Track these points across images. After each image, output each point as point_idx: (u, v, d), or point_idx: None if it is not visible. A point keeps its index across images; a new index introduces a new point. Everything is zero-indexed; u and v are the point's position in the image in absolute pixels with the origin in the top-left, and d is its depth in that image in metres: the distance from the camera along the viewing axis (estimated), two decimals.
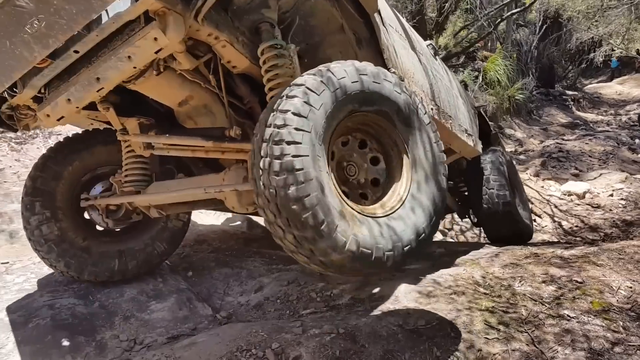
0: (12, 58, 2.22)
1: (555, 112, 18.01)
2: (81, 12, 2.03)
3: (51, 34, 2.09)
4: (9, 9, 2.07)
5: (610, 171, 9.46)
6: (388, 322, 2.88)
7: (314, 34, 3.01)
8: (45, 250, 3.26)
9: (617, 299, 3.02)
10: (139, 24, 2.19)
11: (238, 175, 2.95)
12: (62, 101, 2.48)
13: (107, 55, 2.29)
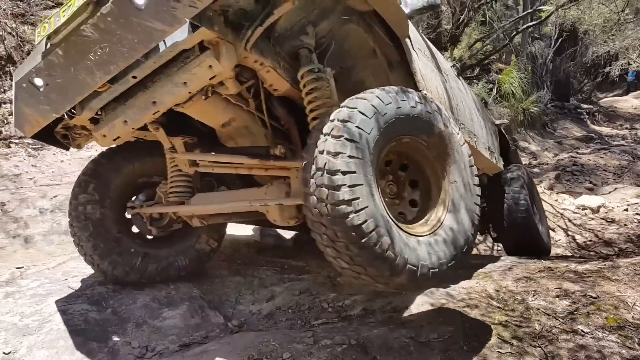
0: (75, 83, 2.37)
1: (570, 126, 17.87)
2: (142, 42, 2.18)
3: (112, 61, 2.25)
4: (75, 39, 2.23)
5: (625, 185, 9.37)
6: (400, 334, 2.87)
7: (347, 58, 3.13)
8: (80, 227, 3.37)
9: (632, 315, 2.98)
10: (194, 53, 2.36)
11: (280, 191, 3.07)
12: (119, 123, 2.66)
13: (163, 81, 2.47)
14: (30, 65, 2.45)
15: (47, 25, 2.32)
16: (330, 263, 3.41)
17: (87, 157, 5.33)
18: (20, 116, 2.68)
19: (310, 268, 4.22)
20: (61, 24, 2.25)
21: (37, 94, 2.49)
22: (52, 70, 2.37)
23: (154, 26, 2.11)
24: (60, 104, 2.51)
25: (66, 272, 3.73)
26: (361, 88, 2.98)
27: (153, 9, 2.07)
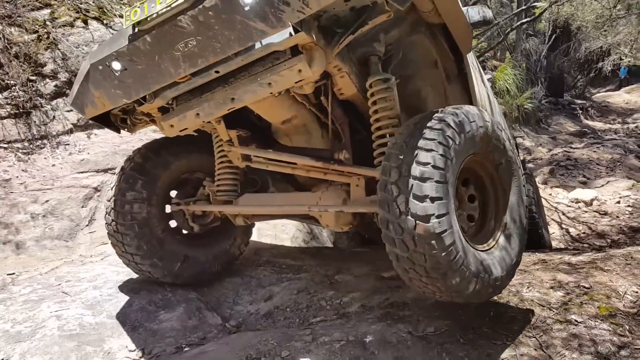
0: (155, 71, 2.35)
1: (563, 121, 17.95)
2: (239, 40, 2.16)
3: (203, 55, 2.23)
4: (168, 28, 2.21)
5: (618, 179, 9.42)
6: (398, 329, 2.89)
7: (409, 67, 3.15)
8: (126, 226, 3.30)
9: (623, 304, 3.01)
10: (285, 55, 2.34)
11: (338, 197, 3.10)
12: (191, 115, 2.63)
13: (247, 79, 2.44)
14: (112, 49, 2.39)
15: (138, 10, 2.26)
16: (327, 263, 3.50)
17: (79, 160, 5.33)
18: (84, 97, 2.62)
19: (307, 267, 4.23)
20: (156, 11, 2.21)
21: (112, 78, 2.45)
22: (135, 56, 2.33)
23: (256, 26, 2.10)
24: (135, 90, 2.46)
25: (59, 277, 3.72)
26: (417, 97, 3.25)
27: (259, 9, 2.06)
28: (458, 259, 2.29)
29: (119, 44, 2.38)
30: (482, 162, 2.73)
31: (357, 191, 3.03)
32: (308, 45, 2.32)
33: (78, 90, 2.65)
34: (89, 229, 4.94)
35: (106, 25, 5.94)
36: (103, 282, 3.62)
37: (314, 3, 2.03)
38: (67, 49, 5.66)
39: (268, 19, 2.07)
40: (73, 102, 2.74)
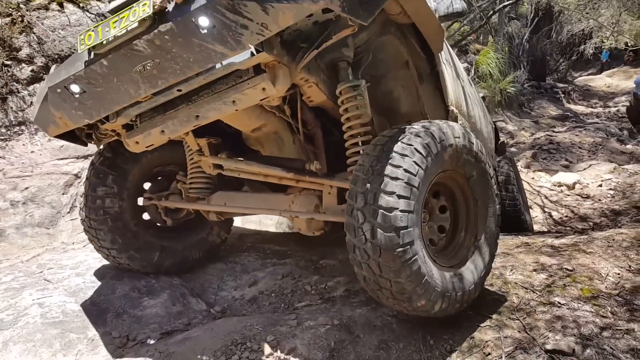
0: (115, 92, 2.34)
1: (546, 105, 18.08)
2: (198, 62, 2.15)
3: (162, 77, 2.23)
4: (125, 52, 2.18)
5: (600, 162, 9.53)
6: (382, 312, 2.91)
7: (379, 67, 3.14)
8: (99, 221, 3.30)
9: (605, 286, 3.05)
10: (248, 74, 2.32)
11: (310, 203, 3.11)
12: (155, 132, 2.62)
13: (210, 97, 2.44)
14: (68, 72, 2.37)
15: (92, 34, 2.23)
16: (312, 248, 3.51)
17: (59, 146, 5.24)
18: (46, 117, 2.63)
19: (292, 252, 4.23)
20: (111, 36, 2.17)
21: (72, 100, 2.43)
22: (92, 79, 2.32)
23: (215, 48, 2.09)
24: (96, 110, 2.46)
25: (41, 265, 3.68)
26: (389, 97, 3.24)
27: (217, 32, 2.04)
28: (424, 283, 2.34)
29: (76, 68, 2.35)
30: (452, 177, 2.75)
31: (329, 199, 3.06)
32: (271, 64, 2.30)
33: (39, 110, 2.64)
34: (70, 215, 4.88)
35: (82, 9, 5.80)
36: (86, 269, 3.58)
37: (273, 26, 2.01)
38: (42, 32, 5.52)
39: (227, 41, 2.06)
40: (36, 121, 2.73)
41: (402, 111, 3.33)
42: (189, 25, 2.05)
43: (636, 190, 7.06)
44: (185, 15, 2.04)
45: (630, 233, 3.94)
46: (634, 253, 3.52)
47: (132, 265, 3.46)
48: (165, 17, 2.09)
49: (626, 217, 5.55)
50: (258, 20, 2.00)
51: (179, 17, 2.05)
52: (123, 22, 2.14)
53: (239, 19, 2.00)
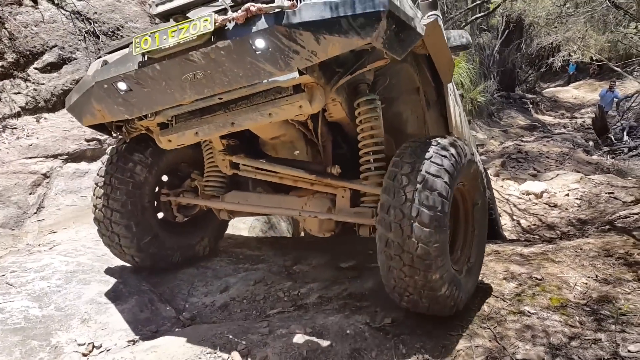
0: (161, 95, 2.50)
1: (515, 115, 18.45)
2: (246, 77, 2.34)
3: (209, 86, 2.41)
4: (179, 60, 2.33)
5: (567, 172, 9.74)
6: (355, 320, 2.90)
7: (392, 91, 3.37)
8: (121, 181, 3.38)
9: (573, 295, 3.11)
10: (287, 91, 2.55)
11: (323, 205, 3.31)
12: (190, 133, 2.80)
13: (248, 107, 2.63)
14: (118, 71, 2.48)
15: (149, 40, 2.33)
16: (285, 253, 3.53)
17: (27, 145, 5.09)
18: (83, 108, 2.75)
19: (265, 257, 4.18)
20: (168, 45, 2.28)
21: (116, 96, 2.56)
22: (142, 80, 2.45)
23: (264, 67, 2.28)
24: (138, 108, 2.61)
25: (4, 268, 3.54)
26: (398, 119, 3.53)
27: (270, 54, 2.23)
28: (443, 258, 2.53)
29: (127, 68, 2.46)
30: (464, 196, 3.04)
31: (342, 202, 3.25)
32: (310, 84, 2.52)
33: (78, 100, 2.75)
34: (37, 216, 4.74)
35: (57, 5, 5.66)
36: (51, 272, 3.47)
37: (322, 54, 2.23)
38: (14, 28, 5.37)
39: (277, 63, 2.25)
40: (70, 109, 2.87)
41: (408, 132, 3.59)
42: (245, 45, 2.22)
43: (601, 200, 7.25)
44: (244, 36, 2.21)
45: (597, 243, 4.03)
46: (600, 263, 3.60)
47: (124, 235, 3.42)
48: (224, 34, 2.24)
49: (592, 226, 5.68)
50: (309, 48, 2.21)
51: (238, 37, 2.22)
52: (182, 34, 2.27)
53: (292, 45, 2.20)
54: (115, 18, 6.08)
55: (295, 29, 2.17)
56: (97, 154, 5.42)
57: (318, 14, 2.16)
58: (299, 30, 2.17)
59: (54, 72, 5.46)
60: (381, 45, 2.26)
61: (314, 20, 2.16)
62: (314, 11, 2.16)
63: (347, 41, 2.20)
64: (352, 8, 2.16)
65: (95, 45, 5.80)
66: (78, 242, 4.12)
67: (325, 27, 2.17)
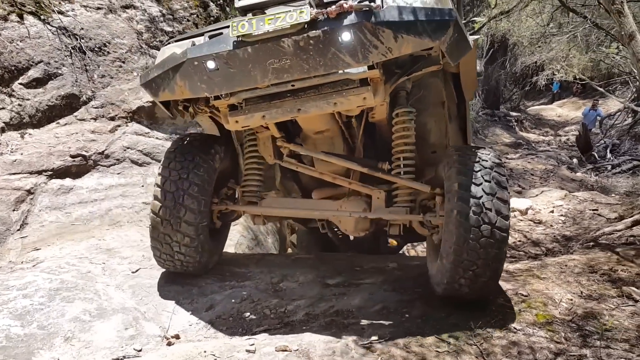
0: (244, 76, 2.73)
1: (500, 132, 18.63)
2: (325, 66, 2.63)
3: (290, 72, 2.67)
4: (270, 45, 2.60)
5: (551, 189, 9.84)
6: (342, 337, 2.88)
7: (422, 102, 3.66)
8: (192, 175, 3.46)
9: (559, 311, 3.13)
10: (354, 83, 2.85)
11: (358, 206, 3.65)
12: (258, 116, 3.01)
13: (317, 95, 2.90)
14: (211, 50, 2.72)
15: (246, 24, 2.58)
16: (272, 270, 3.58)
17: (11, 161, 5.02)
18: (164, 82, 2.92)
19: (252, 274, 4.15)
20: (264, 30, 2.56)
21: (202, 74, 2.77)
22: (231, 60, 2.68)
23: (344, 58, 2.59)
24: (219, 87, 2.83)
25: None
26: (424, 129, 3.80)
27: (352, 46, 2.55)
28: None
29: (220, 48, 2.70)
30: None
31: (378, 202, 3.59)
32: (376, 79, 2.85)
33: (158, 75, 2.93)
34: (20, 233, 4.67)
35: (43, 21, 5.65)
36: (34, 290, 3.41)
37: (396, 51, 2.57)
38: None
39: (356, 55, 2.57)
40: (147, 84, 3.04)
41: (431, 141, 3.90)
42: (333, 36, 2.53)
43: (586, 216, 7.32)
44: (334, 28, 2.52)
45: (581, 259, 4.07)
46: (585, 279, 3.63)
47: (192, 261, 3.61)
48: (315, 25, 2.55)
49: (577, 243, 5.73)
50: (387, 45, 2.54)
51: (328, 28, 2.53)
52: (278, 22, 2.55)
53: (374, 40, 2.53)
54: (102, 34, 6.07)
55: (379, 26, 2.50)
56: (82, 170, 5.38)
57: (401, 16, 2.51)
58: (383, 27, 2.50)
59: (39, 88, 5.42)
60: (445, 48, 2.63)
61: (397, 20, 2.51)
62: (398, 13, 2.52)
63: (419, 42, 2.56)
64: (429, 14, 2.53)
65: (81, 61, 5.78)
66: (62, 259, 4.07)
67: (404, 28, 2.52)
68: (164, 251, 3.58)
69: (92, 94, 5.79)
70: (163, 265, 3.75)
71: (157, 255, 3.65)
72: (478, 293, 3.08)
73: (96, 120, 5.74)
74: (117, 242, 4.53)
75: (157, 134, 6.19)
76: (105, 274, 3.88)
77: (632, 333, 2.89)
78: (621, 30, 4.94)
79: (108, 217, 5.15)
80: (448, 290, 3.08)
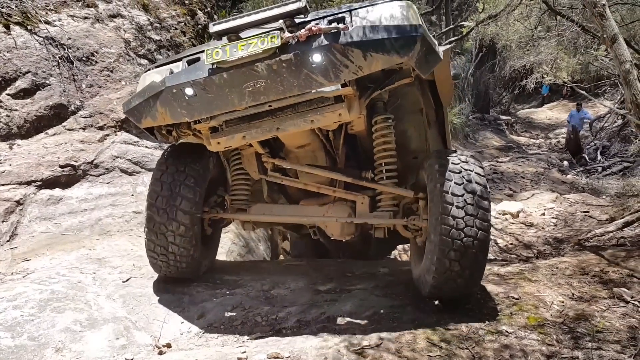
0: (222, 101, 2.87)
1: (490, 136, 18.73)
2: (300, 86, 2.77)
3: (266, 94, 2.81)
4: (244, 70, 2.74)
5: (542, 191, 9.89)
6: (334, 343, 2.88)
7: (400, 111, 3.76)
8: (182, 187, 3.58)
9: (551, 314, 3.14)
10: (330, 100, 2.99)
11: (343, 211, 3.78)
12: (238, 137, 3.15)
13: (294, 114, 3.04)
14: (188, 77, 2.87)
15: (220, 52, 2.74)
16: (263, 277, 3.58)
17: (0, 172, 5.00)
18: (147, 110, 3.06)
19: (243, 282, 4.13)
20: (237, 57, 2.70)
21: (181, 101, 2.92)
22: (208, 87, 2.83)
23: (317, 79, 2.73)
24: (198, 112, 2.98)
25: None
26: (404, 136, 3.90)
27: (324, 66, 2.69)
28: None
29: (197, 75, 2.86)
30: None
31: (362, 207, 3.71)
32: (350, 96, 2.99)
33: (140, 104, 3.08)
34: (9, 244, 4.64)
35: (30, 32, 5.62)
36: (24, 301, 3.38)
37: (366, 69, 2.71)
38: None
39: (328, 75, 2.72)
40: (129, 112, 3.18)
41: (411, 148, 4.01)
42: (305, 59, 2.67)
43: (577, 218, 7.36)
44: (304, 50, 2.66)
45: (572, 261, 4.08)
46: (576, 281, 3.65)
47: (186, 267, 3.73)
48: (287, 49, 2.69)
49: (568, 245, 5.76)
50: (357, 64, 2.68)
51: (299, 51, 2.67)
52: (251, 47, 2.70)
53: (344, 59, 2.67)
54: (89, 43, 6.05)
55: (348, 47, 2.64)
56: (72, 180, 5.35)
57: (368, 35, 2.65)
58: (352, 47, 2.64)
59: (27, 98, 5.40)
60: (414, 63, 2.76)
61: (365, 40, 2.64)
62: (365, 32, 2.66)
63: (388, 59, 2.69)
64: (395, 32, 2.66)
65: (69, 71, 5.76)
66: (52, 269, 4.04)
67: (373, 46, 2.65)
68: (158, 243, 3.62)
69: (80, 103, 5.77)
70: (156, 262, 3.76)
71: (150, 248, 3.68)
72: (463, 291, 3.20)
73: (85, 130, 5.72)
74: (108, 252, 4.50)
75: (147, 143, 6.18)
76: (95, 284, 3.85)
77: (623, 334, 2.91)
78: (603, 33, 4.98)
79: (98, 226, 5.12)
80: (434, 289, 3.17)
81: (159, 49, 6.85)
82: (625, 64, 4.85)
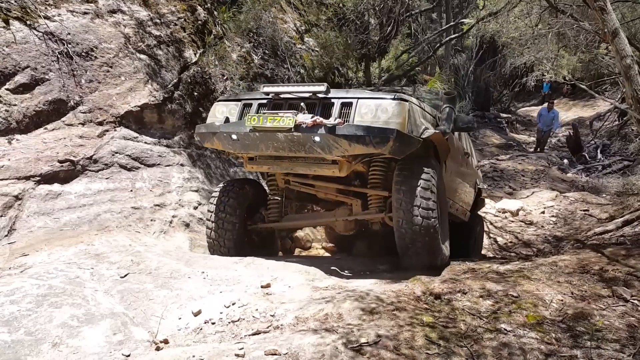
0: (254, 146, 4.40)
1: (490, 134, 18.70)
2: (306, 151, 4.20)
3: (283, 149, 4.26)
4: (270, 135, 4.21)
5: (542, 189, 9.89)
6: (332, 340, 2.87)
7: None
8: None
9: (549, 312, 3.13)
10: (328, 161, 4.36)
11: (344, 213, 5.04)
12: (265, 167, 4.75)
13: (302, 163, 4.50)
14: (235, 130, 4.38)
15: (256, 119, 4.20)
16: (263, 272, 3.55)
17: None
18: (208, 139, 4.65)
19: (241, 278, 4.13)
20: (266, 126, 4.15)
21: (228, 140, 4.47)
22: (246, 138, 4.35)
23: (317, 149, 4.12)
24: (239, 149, 4.60)
25: None
26: None
27: (322, 145, 4.06)
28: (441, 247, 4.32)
29: (240, 129, 4.34)
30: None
31: (356, 208, 4.97)
32: (341, 161, 4.29)
33: (205, 132, 4.65)
34: (8, 239, 4.63)
35: (30, 27, 5.59)
36: (22, 296, 3.38)
37: (350, 152, 4.07)
38: None
39: (325, 150, 4.10)
40: (199, 135, 4.78)
41: None
42: (309, 138, 4.05)
43: (577, 217, 7.36)
44: (309, 133, 4.01)
45: (572, 259, 4.07)
46: (575, 279, 3.63)
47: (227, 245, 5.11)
48: (299, 129, 4.03)
49: (568, 243, 5.74)
50: (344, 147, 4.02)
51: (306, 133, 4.02)
52: (275, 122, 4.11)
53: (335, 144, 4.02)
54: (89, 39, 6.02)
55: (338, 137, 3.94)
56: (70, 175, 5.33)
57: (353, 132, 3.92)
58: (341, 138, 3.94)
59: (27, 93, 5.36)
60: (388, 153, 4.01)
61: (350, 134, 3.92)
62: (352, 130, 3.93)
63: (367, 149, 4.00)
64: (374, 132, 3.90)
65: (68, 66, 5.73)
66: (50, 264, 4.02)
67: (355, 139, 3.93)
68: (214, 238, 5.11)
69: (79, 99, 5.74)
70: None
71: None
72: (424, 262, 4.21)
73: (84, 125, 5.70)
74: (106, 247, 4.49)
75: (146, 139, 6.16)
76: (93, 279, 3.84)
77: (622, 333, 2.90)
78: (604, 28, 4.92)
79: (97, 222, 5.11)
80: (404, 261, 4.32)
81: (159, 44, 6.82)
82: (626, 59, 4.81)
